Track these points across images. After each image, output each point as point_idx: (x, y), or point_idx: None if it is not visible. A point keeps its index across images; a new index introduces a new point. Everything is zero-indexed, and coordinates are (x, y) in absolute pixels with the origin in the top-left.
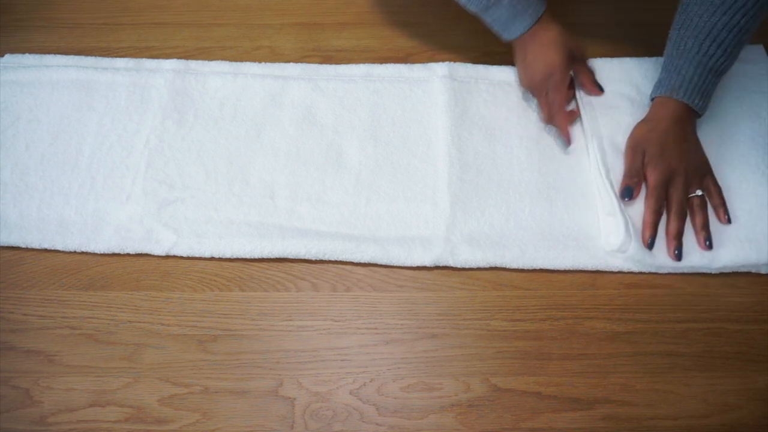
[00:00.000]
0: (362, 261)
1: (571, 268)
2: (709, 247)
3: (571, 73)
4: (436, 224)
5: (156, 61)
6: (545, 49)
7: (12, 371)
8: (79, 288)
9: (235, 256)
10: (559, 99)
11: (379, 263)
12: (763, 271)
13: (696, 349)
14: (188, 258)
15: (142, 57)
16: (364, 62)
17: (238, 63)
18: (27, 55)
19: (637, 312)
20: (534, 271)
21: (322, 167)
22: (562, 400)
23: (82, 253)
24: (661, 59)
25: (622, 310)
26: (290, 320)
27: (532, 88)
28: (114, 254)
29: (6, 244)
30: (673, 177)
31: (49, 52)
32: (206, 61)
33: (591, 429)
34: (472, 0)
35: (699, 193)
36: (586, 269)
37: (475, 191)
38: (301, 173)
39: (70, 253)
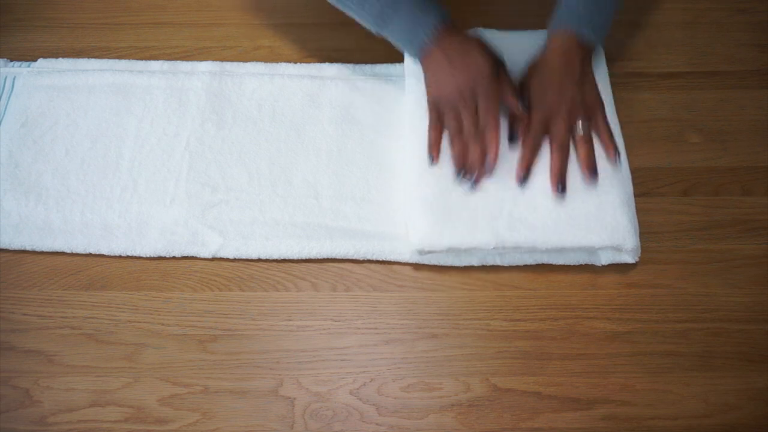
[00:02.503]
0: (410, 261)
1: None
2: (594, 181)
3: None
4: None
5: (191, 63)
6: (467, 54)
7: (12, 371)
8: (79, 288)
9: (282, 257)
10: (493, 109)
11: (428, 264)
12: (602, 261)
13: (696, 349)
14: (188, 258)
15: (142, 58)
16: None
17: (273, 64)
18: (60, 59)
19: (637, 312)
20: (534, 270)
21: (365, 166)
22: (562, 400)
23: (128, 257)
24: None
25: (622, 310)
26: (290, 320)
27: (454, 98)
28: (160, 257)
29: (51, 250)
30: (553, 115)
31: (49, 52)
32: (241, 63)
33: (591, 429)
34: (367, 18)
35: (580, 129)
36: None
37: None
38: (344, 173)
39: (70, 252)
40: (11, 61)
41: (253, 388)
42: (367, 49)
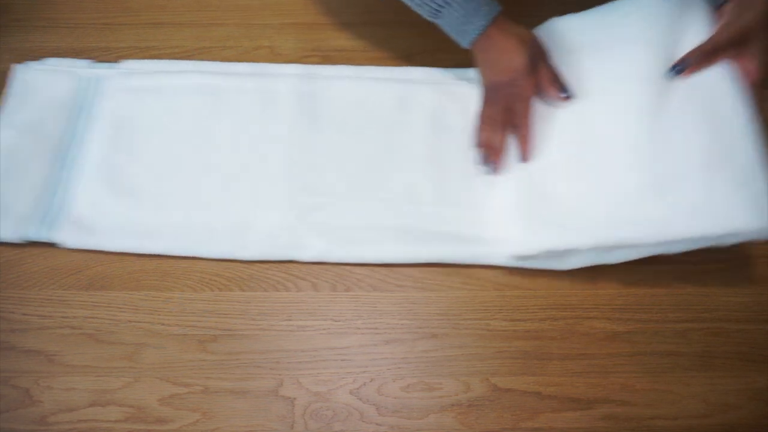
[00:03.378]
0: (515, 266)
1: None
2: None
3: None
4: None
5: (278, 65)
6: (504, 54)
7: (12, 371)
8: (79, 288)
9: (385, 262)
10: (524, 108)
11: (530, 268)
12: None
13: (696, 349)
14: (189, 258)
15: (142, 58)
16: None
17: (360, 67)
18: (146, 60)
19: (637, 312)
20: (534, 270)
21: (462, 169)
22: (562, 400)
23: (224, 260)
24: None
25: (622, 310)
26: (290, 320)
27: (495, 89)
28: (260, 261)
29: (153, 253)
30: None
31: (49, 52)
32: (328, 66)
33: (591, 429)
34: (422, 6)
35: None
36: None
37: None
38: (442, 176)
39: (70, 253)
40: (95, 62)
41: (253, 388)
42: (370, 49)
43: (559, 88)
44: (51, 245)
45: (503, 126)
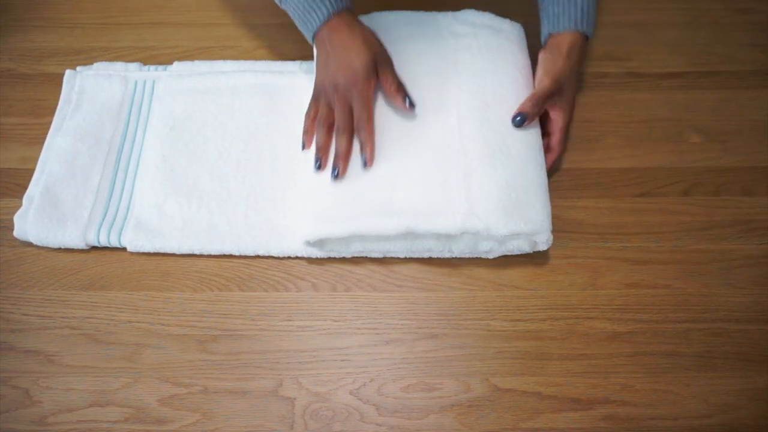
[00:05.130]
0: (307, 256)
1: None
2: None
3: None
4: None
5: None
6: (347, 52)
7: (12, 371)
8: (79, 288)
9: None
10: (367, 112)
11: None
12: (540, 247)
13: (696, 349)
14: (189, 257)
15: (141, 58)
16: None
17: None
18: (197, 61)
19: (637, 312)
20: (534, 270)
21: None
22: (562, 400)
23: (268, 257)
24: None
25: (622, 310)
26: (290, 320)
27: (332, 89)
28: (287, 258)
29: (220, 253)
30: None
31: (49, 52)
32: None
33: (591, 429)
34: None
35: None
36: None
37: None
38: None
39: (70, 253)
40: (144, 64)
41: (253, 388)
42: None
43: (403, 97)
44: (120, 250)
45: (345, 129)
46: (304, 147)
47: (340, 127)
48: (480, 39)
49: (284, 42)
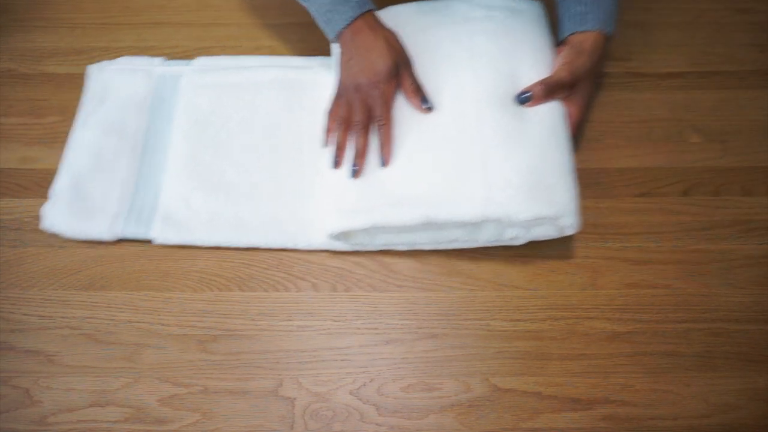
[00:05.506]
0: (332, 249)
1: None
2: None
3: None
4: None
5: None
6: (369, 54)
7: (12, 371)
8: (79, 288)
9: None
10: (386, 112)
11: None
12: (567, 232)
13: (696, 349)
14: (188, 257)
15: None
16: None
17: None
18: (221, 56)
19: (637, 312)
20: (534, 270)
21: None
22: (562, 400)
23: (294, 250)
24: None
25: (622, 310)
26: (290, 320)
27: (354, 89)
28: (312, 250)
29: (247, 246)
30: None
31: (49, 52)
32: None
33: (591, 429)
34: None
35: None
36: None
37: None
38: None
39: (70, 253)
40: (167, 59)
41: (253, 388)
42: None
43: (421, 99)
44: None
45: (364, 128)
46: (324, 144)
47: (359, 127)
48: (496, 22)
49: (284, 42)
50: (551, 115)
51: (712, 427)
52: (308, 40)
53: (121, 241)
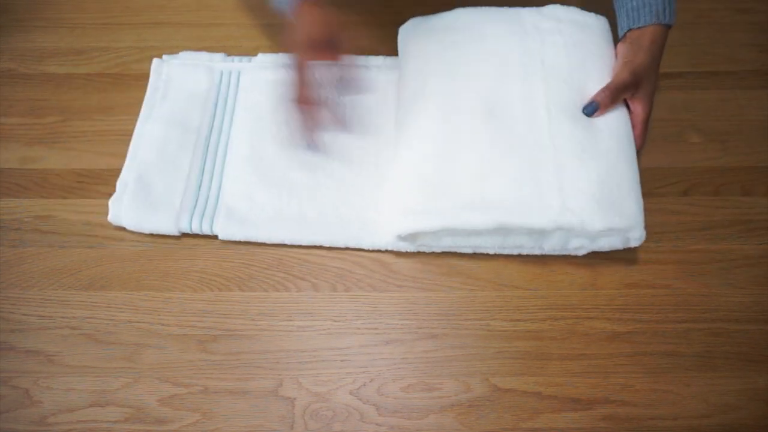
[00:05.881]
0: (396, 249)
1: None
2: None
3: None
4: None
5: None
6: (309, 23)
7: (12, 371)
8: (79, 288)
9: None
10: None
11: (413, 252)
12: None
13: (696, 349)
14: (188, 257)
15: (142, 58)
16: None
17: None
18: (281, 54)
19: (637, 312)
20: (534, 270)
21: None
22: (562, 400)
23: (342, 249)
24: None
25: (622, 310)
26: (290, 320)
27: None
28: (377, 250)
29: (311, 244)
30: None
31: (49, 52)
32: None
33: (591, 429)
34: None
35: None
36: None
37: None
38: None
39: (70, 253)
40: (228, 55)
41: (253, 388)
42: (368, 49)
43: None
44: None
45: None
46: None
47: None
48: (565, 35)
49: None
50: (620, 127)
51: (712, 427)
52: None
53: (121, 241)
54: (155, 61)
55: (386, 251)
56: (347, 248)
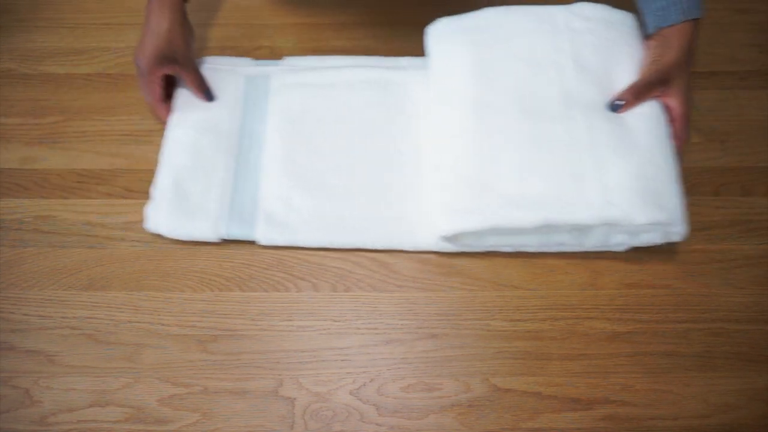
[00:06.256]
0: (440, 250)
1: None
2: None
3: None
4: None
5: None
6: (149, 36)
7: (12, 371)
8: (79, 288)
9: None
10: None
11: (439, 252)
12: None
13: (696, 349)
14: (188, 257)
15: None
16: None
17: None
18: (308, 57)
19: (637, 312)
20: (534, 270)
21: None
22: (562, 400)
23: (344, 250)
24: None
25: (622, 310)
26: (290, 320)
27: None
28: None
29: (350, 246)
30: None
31: (49, 53)
32: None
33: (591, 429)
34: None
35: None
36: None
37: None
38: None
39: (70, 253)
40: (255, 59)
41: (253, 388)
42: (370, 49)
43: (200, 87)
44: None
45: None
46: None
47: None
48: (596, 34)
49: (284, 42)
50: (654, 124)
51: (712, 427)
52: (307, 40)
53: (121, 241)
54: None
55: (389, 251)
56: (390, 250)
